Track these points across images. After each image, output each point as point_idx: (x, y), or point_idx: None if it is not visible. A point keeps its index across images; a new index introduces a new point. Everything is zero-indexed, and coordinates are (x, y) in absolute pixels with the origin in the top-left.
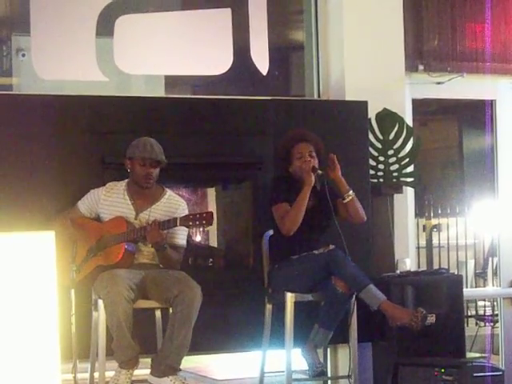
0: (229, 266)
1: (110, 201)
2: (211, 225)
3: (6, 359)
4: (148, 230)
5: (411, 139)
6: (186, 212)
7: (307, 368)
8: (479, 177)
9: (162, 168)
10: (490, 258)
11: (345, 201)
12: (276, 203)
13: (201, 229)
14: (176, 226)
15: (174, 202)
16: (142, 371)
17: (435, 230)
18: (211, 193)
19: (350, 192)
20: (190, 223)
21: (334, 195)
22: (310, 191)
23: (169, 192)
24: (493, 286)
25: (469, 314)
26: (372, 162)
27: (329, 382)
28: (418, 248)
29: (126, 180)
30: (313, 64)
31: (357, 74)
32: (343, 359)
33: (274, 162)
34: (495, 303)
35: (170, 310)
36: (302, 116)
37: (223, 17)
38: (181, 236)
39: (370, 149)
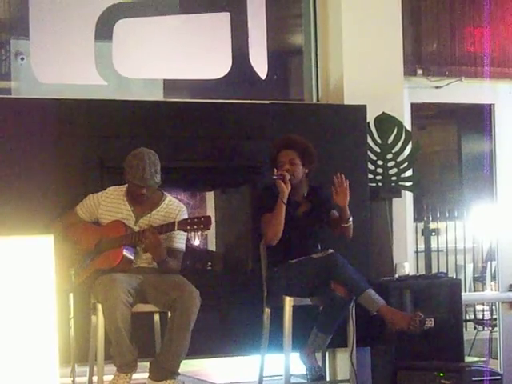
0: (227, 270)
1: (110, 206)
2: (209, 229)
3: (5, 363)
4: (146, 236)
5: (410, 143)
6: (186, 217)
7: (306, 372)
8: (478, 181)
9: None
10: (489, 262)
11: (345, 225)
12: (261, 213)
13: (199, 233)
14: (174, 230)
15: (173, 207)
16: (141, 375)
17: (433, 234)
18: (210, 197)
19: (350, 218)
20: (188, 227)
21: (328, 207)
22: (284, 200)
23: (168, 197)
24: (491, 290)
25: (467, 318)
26: (371, 166)
27: None
28: (417, 252)
29: (126, 185)
30: (311, 68)
31: (356, 78)
32: (342, 363)
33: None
34: (494, 307)
35: (169, 314)
36: (300, 120)
37: (222, 21)
38: (179, 240)
39: (369, 153)
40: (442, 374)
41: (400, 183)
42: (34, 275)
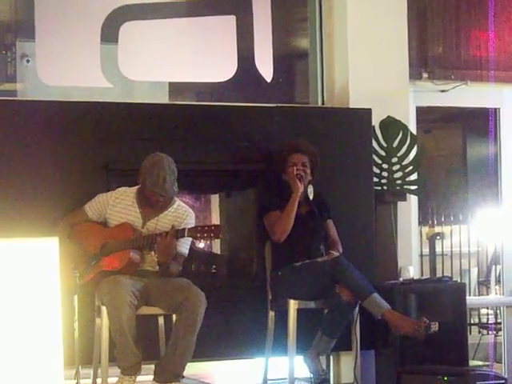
0: (232, 273)
1: (119, 207)
2: (218, 238)
3: (9, 365)
4: (163, 237)
5: (415, 147)
6: (193, 222)
7: (310, 375)
8: (483, 184)
9: None
10: (493, 266)
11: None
12: (268, 211)
13: (208, 241)
14: (184, 236)
15: (181, 212)
16: (145, 377)
17: (438, 237)
18: (215, 199)
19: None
20: (198, 235)
21: (323, 214)
22: (298, 198)
23: (177, 201)
24: (496, 294)
25: (472, 322)
26: (376, 170)
27: None
28: (421, 256)
29: (137, 187)
30: (317, 71)
31: (361, 82)
32: (346, 367)
33: (267, 170)
34: (498, 311)
35: (174, 317)
36: (306, 123)
37: (228, 24)
38: (183, 244)
39: (374, 156)
40: (445, 378)
41: (405, 187)
42: (39, 277)
